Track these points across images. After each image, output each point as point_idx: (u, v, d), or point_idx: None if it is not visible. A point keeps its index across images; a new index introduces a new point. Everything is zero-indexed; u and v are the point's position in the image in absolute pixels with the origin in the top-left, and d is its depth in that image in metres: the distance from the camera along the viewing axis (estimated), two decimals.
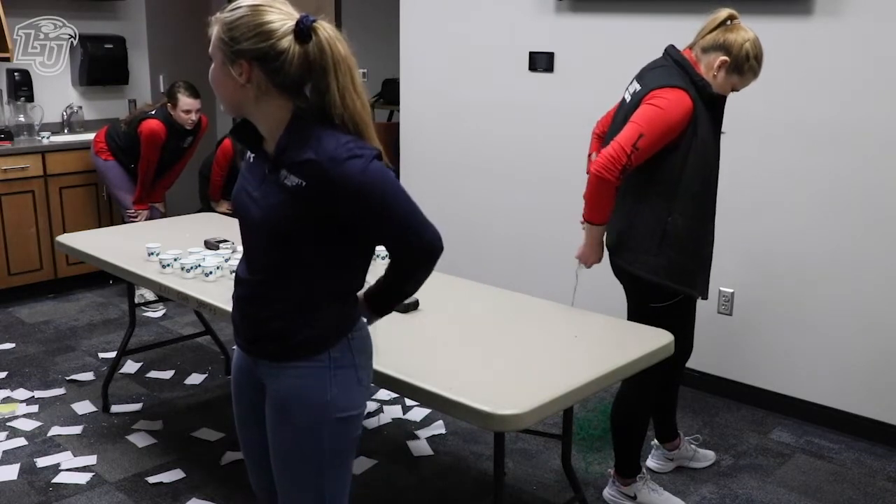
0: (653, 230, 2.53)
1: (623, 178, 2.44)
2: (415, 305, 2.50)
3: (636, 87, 2.57)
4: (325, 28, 1.59)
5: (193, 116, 4.58)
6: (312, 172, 1.57)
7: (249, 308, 1.76)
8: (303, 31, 1.57)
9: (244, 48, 1.57)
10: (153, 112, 4.62)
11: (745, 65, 2.50)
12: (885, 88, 3.10)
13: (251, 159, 1.75)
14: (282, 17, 1.58)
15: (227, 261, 2.88)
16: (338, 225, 1.63)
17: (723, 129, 2.65)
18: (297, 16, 1.60)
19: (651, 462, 3.06)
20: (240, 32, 1.57)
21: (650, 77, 2.55)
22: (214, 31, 1.62)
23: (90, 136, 5.02)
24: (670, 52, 2.57)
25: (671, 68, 2.53)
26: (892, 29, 3.06)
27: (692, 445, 3.10)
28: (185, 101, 4.53)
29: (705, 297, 2.72)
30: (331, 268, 1.69)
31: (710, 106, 2.52)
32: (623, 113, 2.57)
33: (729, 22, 2.53)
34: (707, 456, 3.12)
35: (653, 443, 3.08)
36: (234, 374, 1.90)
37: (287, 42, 1.57)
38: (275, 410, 1.76)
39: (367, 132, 1.63)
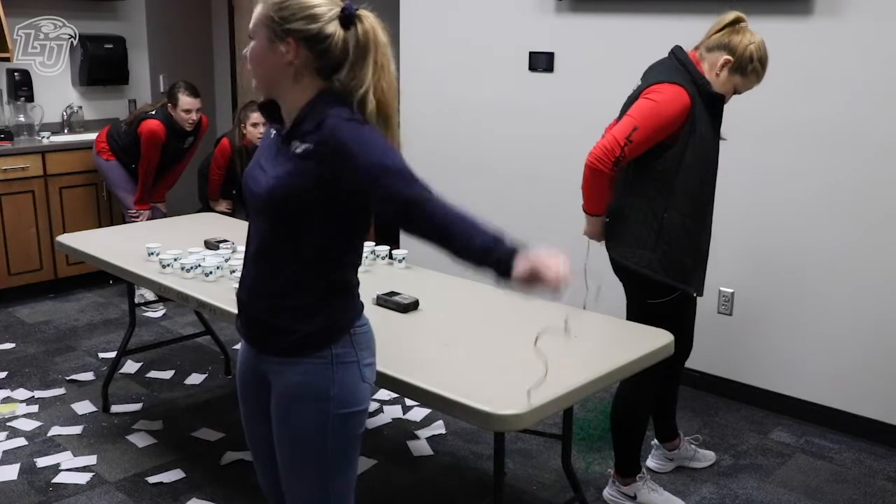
0: (649, 225, 2.54)
1: (617, 171, 2.47)
2: (415, 305, 2.50)
3: (638, 83, 2.58)
4: (369, 17, 1.69)
5: (193, 116, 4.58)
6: (319, 132, 1.63)
7: (253, 302, 1.78)
8: (347, 18, 1.67)
9: (294, 28, 1.65)
10: (153, 112, 4.62)
11: (748, 66, 2.51)
12: (885, 88, 3.10)
13: (272, 135, 1.79)
14: (327, 3, 1.67)
15: (227, 261, 2.87)
16: (337, 191, 1.65)
17: (724, 136, 2.66)
18: (340, 3, 1.68)
19: (651, 462, 3.06)
20: (290, 12, 1.65)
21: (651, 73, 2.58)
22: (259, 9, 1.68)
23: (90, 136, 5.03)
24: (675, 51, 2.59)
25: (672, 66, 2.55)
26: (892, 29, 3.06)
27: (692, 445, 3.10)
28: (186, 100, 4.53)
29: (700, 294, 2.73)
30: (331, 251, 1.71)
31: (709, 105, 2.53)
32: (623, 108, 2.59)
33: (736, 24, 2.54)
34: (707, 456, 3.12)
35: (653, 443, 3.08)
36: (240, 372, 1.92)
37: (333, 27, 1.66)
38: (279, 407, 1.77)
39: (390, 124, 1.72)
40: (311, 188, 1.64)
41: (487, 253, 1.61)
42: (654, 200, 2.54)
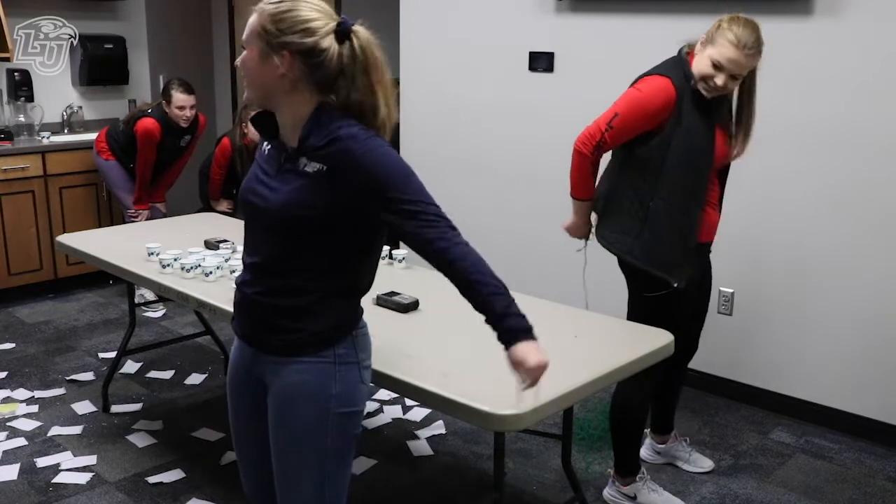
0: (635, 213, 2.57)
1: (598, 155, 2.57)
2: (415, 305, 2.50)
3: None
4: (363, 32, 1.69)
5: (188, 113, 4.57)
6: (335, 151, 1.62)
7: (257, 304, 1.76)
8: (342, 32, 1.66)
9: (289, 41, 1.63)
10: (149, 111, 4.62)
11: (715, 33, 2.47)
12: (885, 88, 3.10)
13: (266, 152, 1.77)
14: (323, 17, 1.66)
15: (227, 261, 2.87)
16: (353, 210, 1.65)
17: (736, 155, 2.68)
18: (336, 17, 1.68)
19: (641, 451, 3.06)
20: (286, 25, 1.63)
21: (650, 69, 2.60)
22: (254, 20, 1.66)
23: (90, 136, 5.03)
24: (680, 49, 2.61)
25: (672, 62, 2.57)
26: (892, 29, 3.06)
27: (687, 447, 3.10)
28: (179, 97, 4.52)
29: (682, 286, 2.65)
30: (340, 261, 1.71)
31: (700, 100, 2.51)
32: None
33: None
34: (704, 463, 3.09)
35: (644, 432, 3.07)
36: (233, 373, 1.90)
37: (328, 41, 1.65)
38: (278, 406, 1.76)
39: (385, 134, 1.71)
40: (323, 206, 1.64)
41: (502, 318, 1.64)
42: (640, 189, 2.56)
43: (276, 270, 1.72)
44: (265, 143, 1.78)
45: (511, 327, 1.63)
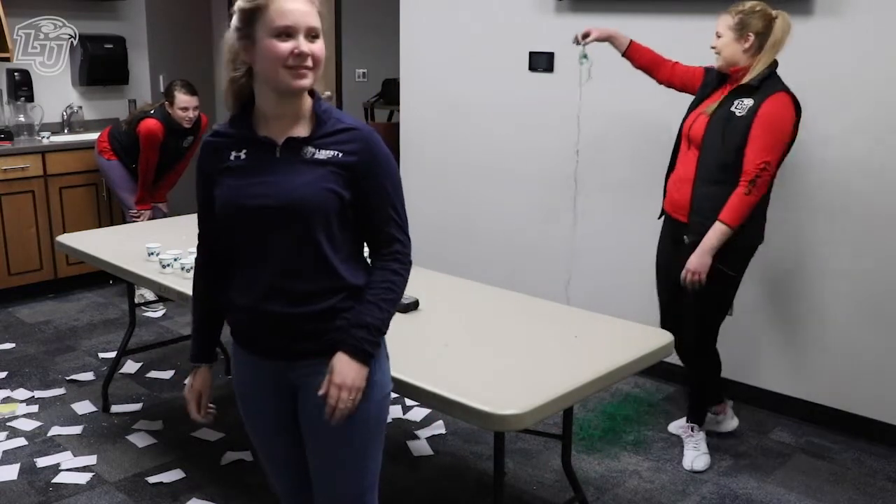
0: None
1: None
2: (415, 305, 2.50)
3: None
4: None
5: (191, 114, 4.57)
6: (354, 139, 1.67)
7: (282, 316, 1.72)
8: None
9: (324, 28, 1.70)
10: (152, 112, 4.63)
11: None
12: (885, 88, 3.10)
13: (242, 157, 1.71)
14: None
15: None
16: (351, 203, 1.68)
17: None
18: None
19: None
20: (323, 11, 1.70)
21: None
22: (314, 8, 1.66)
23: (90, 136, 5.03)
24: None
25: None
26: (892, 29, 3.06)
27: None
28: (182, 98, 4.52)
29: None
30: (354, 252, 1.73)
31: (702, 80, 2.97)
32: None
33: None
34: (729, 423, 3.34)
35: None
36: (250, 389, 1.86)
37: None
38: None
39: None
40: (338, 190, 1.65)
41: (360, 326, 1.69)
42: None
43: (298, 275, 1.69)
44: (234, 152, 1.71)
45: (354, 336, 1.68)
